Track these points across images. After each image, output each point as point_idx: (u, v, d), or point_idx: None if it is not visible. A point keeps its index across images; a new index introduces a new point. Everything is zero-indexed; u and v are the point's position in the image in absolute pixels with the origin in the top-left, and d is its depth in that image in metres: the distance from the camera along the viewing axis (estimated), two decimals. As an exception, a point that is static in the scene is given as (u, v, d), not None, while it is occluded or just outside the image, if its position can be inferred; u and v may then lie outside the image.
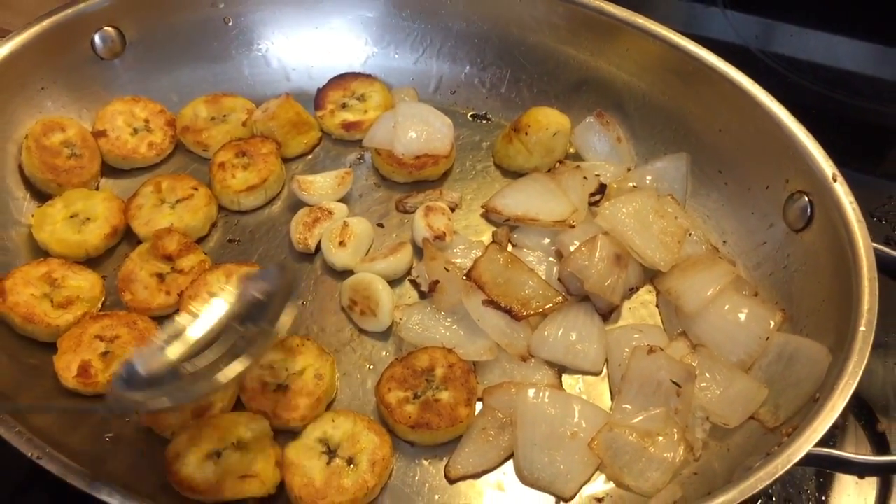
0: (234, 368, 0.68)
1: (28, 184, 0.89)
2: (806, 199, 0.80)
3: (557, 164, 0.94)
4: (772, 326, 0.78)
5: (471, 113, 1.00)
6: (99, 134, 0.93)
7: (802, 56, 1.14)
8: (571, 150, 0.96)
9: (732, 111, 0.87)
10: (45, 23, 0.90)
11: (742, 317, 0.78)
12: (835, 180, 0.78)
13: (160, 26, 0.96)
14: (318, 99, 0.98)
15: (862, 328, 0.68)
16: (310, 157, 0.97)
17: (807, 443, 0.63)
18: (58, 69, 0.92)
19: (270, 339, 0.71)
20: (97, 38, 0.93)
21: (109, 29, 0.94)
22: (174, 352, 0.69)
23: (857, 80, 1.13)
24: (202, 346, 0.70)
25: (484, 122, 1.00)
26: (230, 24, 0.99)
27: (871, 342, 0.67)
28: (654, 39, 0.92)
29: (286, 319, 0.71)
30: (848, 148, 0.88)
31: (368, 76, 1.00)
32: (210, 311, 0.71)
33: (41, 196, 0.89)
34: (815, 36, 1.17)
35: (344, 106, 0.98)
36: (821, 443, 0.65)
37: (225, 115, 0.96)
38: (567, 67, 0.97)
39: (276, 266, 0.85)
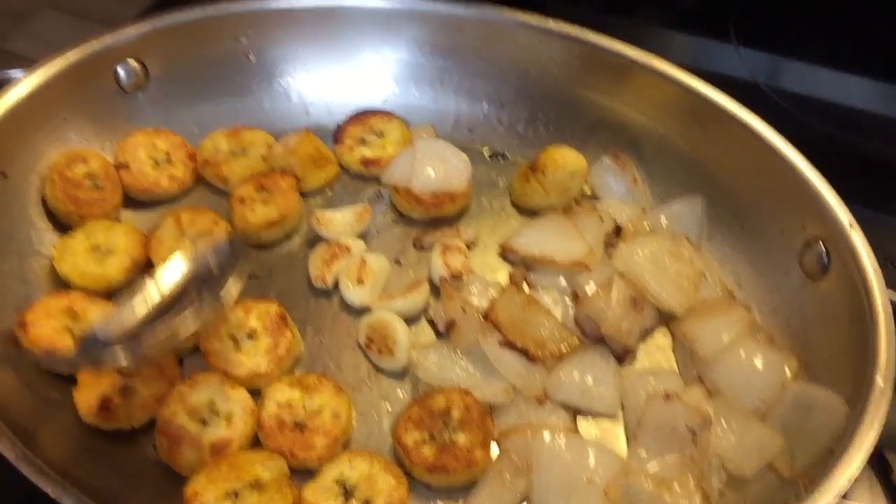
0: (189, 323, 0.72)
1: (50, 215, 0.90)
2: (822, 246, 0.81)
3: (574, 203, 0.95)
4: (787, 374, 0.78)
5: (488, 150, 1.01)
6: (121, 166, 0.94)
7: (814, 94, 1.15)
8: (587, 190, 0.97)
9: (748, 155, 0.88)
10: (70, 55, 0.91)
11: (758, 363, 0.79)
12: (851, 228, 0.78)
13: (183, 60, 0.97)
14: (337, 134, 0.99)
15: (879, 382, 0.68)
16: (328, 191, 0.98)
17: (823, 498, 0.63)
18: (81, 101, 0.93)
19: (219, 312, 0.77)
20: (121, 71, 0.94)
21: (133, 62, 0.95)
22: (138, 314, 0.73)
23: (868, 119, 1.14)
24: (163, 309, 0.73)
25: (501, 159, 1.01)
26: (252, 58, 1.00)
27: (889, 396, 0.68)
28: (667, 81, 0.93)
29: (234, 291, 0.76)
30: (860, 188, 0.89)
31: (387, 113, 1.01)
32: (169, 274, 0.75)
33: (63, 227, 0.90)
34: (826, 74, 1.18)
35: (363, 142, 0.99)
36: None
37: (245, 149, 0.97)
38: (584, 107, 0.98)
39: (229, 240, 0.87)
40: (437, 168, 0.94)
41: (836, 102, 1.14)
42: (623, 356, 0.83)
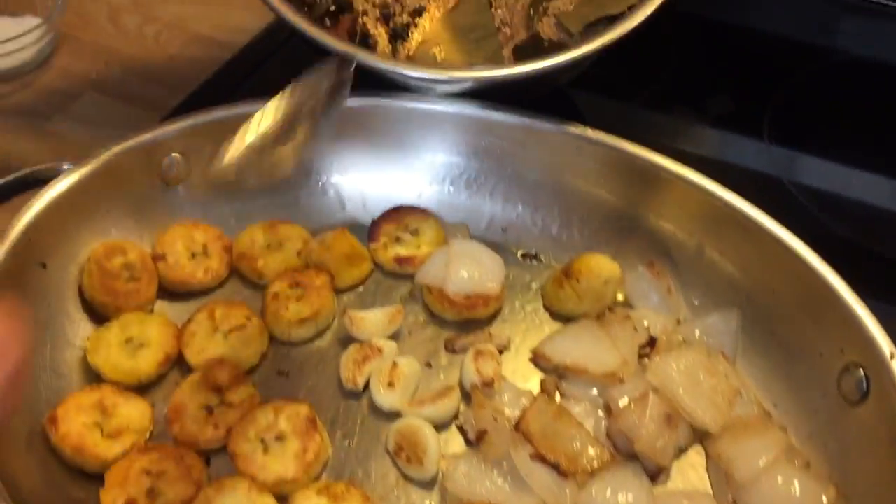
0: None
1: (86, 305, 0.91)
2: (862, 372, 0.80)
3: (607, 310, 0.94)
4: (824, 502, 0.76)
5: (521, 252, 1.01)
6: (158, 257, 0.95)
7: (839, 192, 1.15)
8: (621, 297, 0.96)
9: (785, 273, 0.87)
10: (115, 150, 0.93)
11: (795, 490, 0.77)
12: (892, 358, 0.77)
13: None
14: (372, 231, 1.00)
15: (923, 522, 0.67)
16: (360, 289, 0.98)
17: None
18: (124, 193, 0.94)
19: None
20: (165, 164, 0.96)
21: (177, 156, 0.97)
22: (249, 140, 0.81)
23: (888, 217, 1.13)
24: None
25: (534, 262, 1.01)
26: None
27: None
28: (700, 192, 0.93)
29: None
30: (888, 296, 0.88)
31: (423, 210, 1.02)
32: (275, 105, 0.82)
33: (98, 318, 0.90)
34: (846, 171, 1.18)
35: (398, 240, 0.99)
36: None
37: (281, 243, 0.98)
38: (618, 213, 0.98)
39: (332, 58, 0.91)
40: (472, 270, 0.94)
41: (863, 201, 1.14)
42: (657, 475, 0.82)
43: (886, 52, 1.31)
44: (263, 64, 1.24)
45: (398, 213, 1.02)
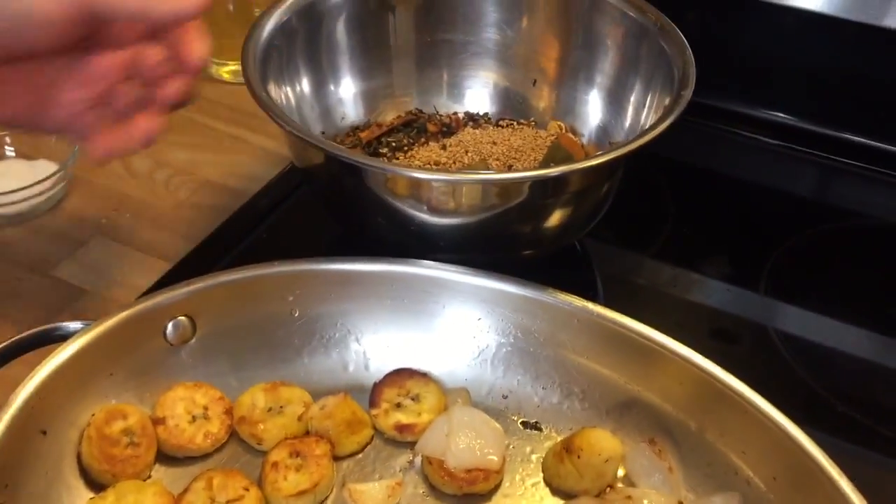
0: None
1: (83, 472, 0.90)
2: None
3: (608, 488, 0.94)
4: None
5: (521, 419, 1.01)
6: (158, 421, 0.94)
7: (829, 345, 1.16)
8: (622, 472, 0.96)
9: (787, 463, 0.88)
10: (124, 314, 0.94)
11: None
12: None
13: (230, 316, 1.00)
14: (373, 396, 1.00)
15: None
16: (360, 456, 0.97)
17: None
18: (127, 356, 0.95)
19: None
20: (170, 327, 0.97)
21: (183, 318, 0.98)
22: None
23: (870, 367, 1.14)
24: None
25: (534, 431, 1.01)
26: (296, 315, 1.03)
27: None
28: (700, 372, 0.93)
29: None
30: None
31: (424, 375, 1.02)
32: None
33: (94, 486, 0.89)
34: (831, 323, 1.20)
35: (398, 406, 0.99)
36: None
37: (282, 407, 0.98)
38: (618, 388, 0.99)
39: None
40: (473, 442, 0.94)
41: (840, 350, 1.16)
42: None
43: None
44: (276, 209, 1.27)
45: (399, 377, 1.02)
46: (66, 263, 1.19)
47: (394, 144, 1.27)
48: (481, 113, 1.34)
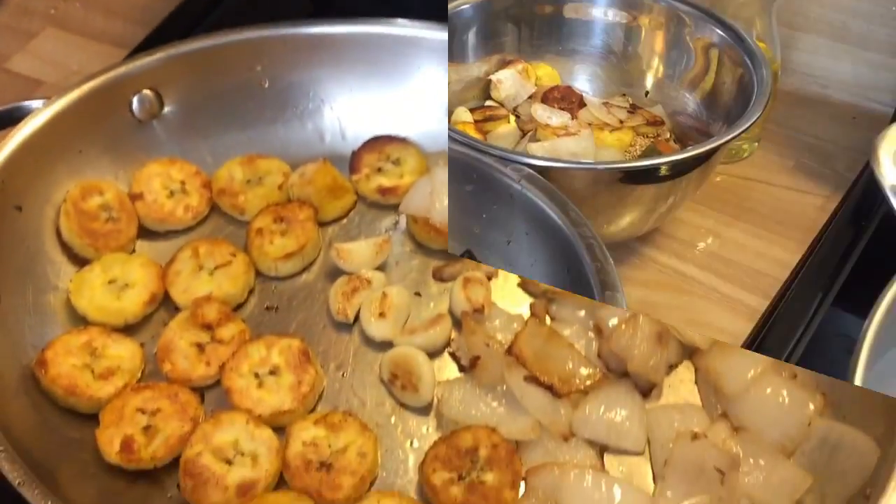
0: None
1: (65, 248, 0.89)
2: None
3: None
4: (812, 410, 0.78)
5: (504, 177, 1.01)
6: (136, 197, 0.93)
7: None
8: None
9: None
10: (85, 87, 0.90)
11: (783, 400, 0.79)
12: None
13: (198, 88, 0.96)
14: (353, 163, 0.98)
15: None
16: (344, 220, 0.97)
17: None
18: (96, 131, 0.92)
19: None
20: (135, 101, 0.93)
21: (148, 91, 0.94)
22: None
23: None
24: None
25: (518, 187, 1.00)
26: (266, 86, 0.99)
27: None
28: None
29: None
30: None
31: (402, 139, 1.00)
32: None
33: (78, 260, 0.89)
34: None
35: (379, 170, 0.98)
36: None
37: (261, 178, 0.96)
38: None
39: None
40: (456, 198, 0.94)
41: None
42: (648, 391, 0.83)
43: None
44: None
45: (378, 143, 1.00)
46: (19, 57, 1.14)
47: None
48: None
